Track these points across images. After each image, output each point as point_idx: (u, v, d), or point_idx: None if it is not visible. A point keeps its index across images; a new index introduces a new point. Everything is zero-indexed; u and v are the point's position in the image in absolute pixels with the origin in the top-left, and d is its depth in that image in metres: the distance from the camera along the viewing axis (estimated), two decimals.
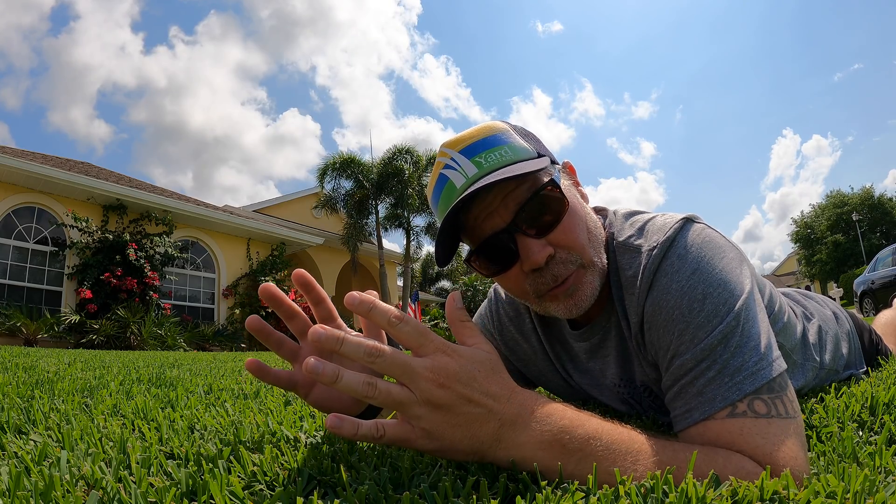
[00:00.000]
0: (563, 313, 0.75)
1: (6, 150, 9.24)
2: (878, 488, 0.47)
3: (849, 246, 31.59)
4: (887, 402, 0.86)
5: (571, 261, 0.71)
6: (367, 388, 0.49)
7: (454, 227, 0.73)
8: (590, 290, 0.72)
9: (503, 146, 0.72)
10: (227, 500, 0.48)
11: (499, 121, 0.77)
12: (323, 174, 14.77)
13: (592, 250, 0.73)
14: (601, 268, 0.74)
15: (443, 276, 29.08)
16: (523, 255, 0.70)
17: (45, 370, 2.22)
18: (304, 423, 0.93)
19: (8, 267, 8.63)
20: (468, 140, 0.73)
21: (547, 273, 0.70)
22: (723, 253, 0.68)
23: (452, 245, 0.75)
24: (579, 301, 0.72)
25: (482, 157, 0.71)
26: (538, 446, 0.52)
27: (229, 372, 2.44)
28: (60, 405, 1.16)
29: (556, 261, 0.70)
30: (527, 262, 0.69)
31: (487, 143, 0.72)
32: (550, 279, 0.71)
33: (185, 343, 9.20)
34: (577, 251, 0.71)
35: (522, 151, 0.72)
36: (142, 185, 11.29)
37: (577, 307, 0.73)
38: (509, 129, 0.75)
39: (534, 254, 0.68)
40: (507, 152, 0.71)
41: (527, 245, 0.69)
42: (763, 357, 0.61)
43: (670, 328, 0.65)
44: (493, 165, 0.70)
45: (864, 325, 1.41)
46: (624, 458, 0.53)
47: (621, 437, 0.55)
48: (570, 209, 0.71)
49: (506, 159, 0.70)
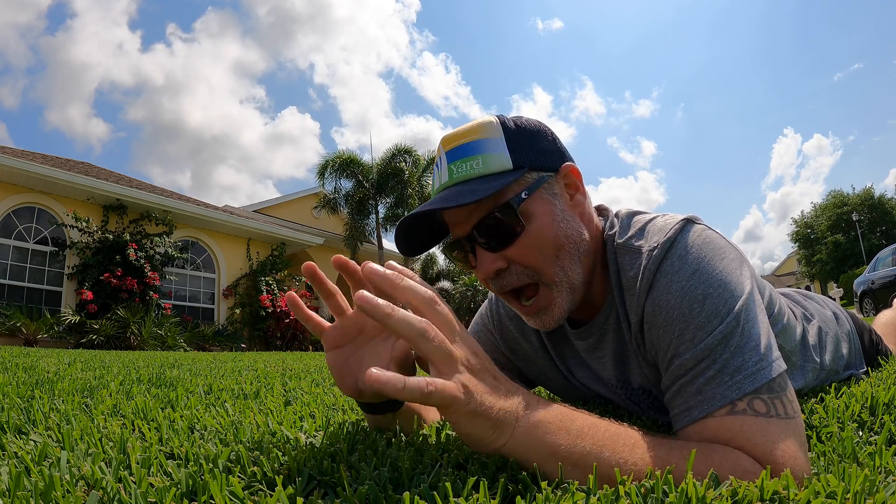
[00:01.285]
0: (538, 327, 0.78)
1: (6, 150, 9.24)
2: (878, 488, 0.47)
3: (849, 246, 31.58)
4: (887, 402, 0.86)
5: (527, 275, 0.74)
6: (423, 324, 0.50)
7: (425, 219, 0.77)
8: (559, 310, 0.75)
9: (477, 157, 0.72)
10: (227, 500, 0.48)
11: (495, 116, 0.76)
12: (322, 174, 14.77)
13: (557, 270, 0.73)
14: (570, 285, 0.74)
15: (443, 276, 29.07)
16: (477, 264, 0.75)
17: (45, 370, 2.22)
18: (304, 423, 0.93)
19: (8, 267, 8.63)
20: (456, 140, 0.75)
21: (496, 282, 0.75)
22: (723, 254, 0.68)
23: (428, 239, 0.80)
24: (546, 321, 0.76)
25: (456, 165, 0.73)
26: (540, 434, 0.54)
27: (229, 372, 2.44)
28: (60, 405, 1.16)
29: (508, 272, 0.74)
30: (477, 270, 0.75)
31: (467, 150, 0.73)
32: (498, 287, 0.76)
33: (185, 343, 9.20)
34: (532, 269, 0.73)
35: (495, 163, 0.72)
36: (142, 185, 11.29)
37: (546, 326, 0.77)
38: (498, 130, 0.73)
39: (483, 266, 0.74)
40: (478, 165, 0.72)
41: (480, 256, 0.74)
42: (763, 357, 0.61)
43: (670, 328, 0.65)
44: (461, 177, 0.72)
45: (865, 326, 1.41)
46: (621, 449, 0.54)
47: (617, 429, 0.57)
48: (527, 230, 0.71)
49: (474, 172, 0.72)
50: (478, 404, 0.52)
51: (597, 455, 0.53)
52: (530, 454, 0.54)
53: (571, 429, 0.55)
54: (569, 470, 0.53)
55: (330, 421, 0.93)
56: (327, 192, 14.90)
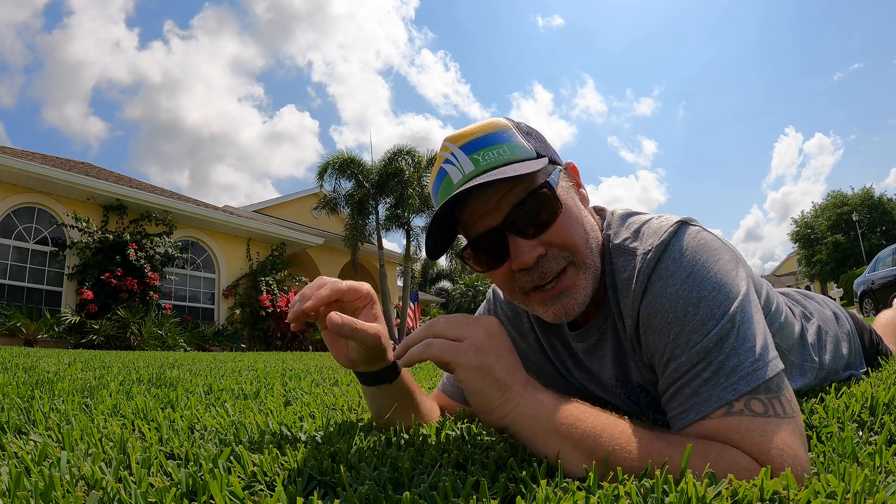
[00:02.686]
0: (550, 318, 0.75)
1: (6, 151, 9.24)
2: (878, 488, 0.47)
3: (849, 246, 31.58)
4: (887, 402, 0.86)
5: (563, 257, 0.72)
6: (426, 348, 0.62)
7: (448, 222, 0.74)
8: (582, 294, 0.73)
9: (503, 145, 0.72)
10: (227, 500, 0.48)
11: (502, 118, 0.77)
12: (322, 173, 14.76)
13: (588, 251, 0.73)
14: (595, 271, 0.74)
15: (443, 277, 29.07)
16: (513, 253, 0.71)
17: (45, 370, 2.22)
18: (304, 423, 0.93)
19: (8, 267, 8.63)
20: (469, 136, 0.73)
21: (535, 271, 0.72)
22: (718, 256, 0.68)
23: (446, 239, 0.77)
24: (568, 306, 0.73)
25: (480, 154, 0.71)
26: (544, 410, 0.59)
27: (229, 372, 2.44)
28: (60, 405, 1.16)
29: (546, 258, 0.71)
30: (516, 260, 0.71)
31: (487, 141, 0.72)
32: (538, 276, 0.72)
33: (185, 343, 9.19)
34: (570, 249, 0.72)
35: (521, 151, 0.72)
36: (142, 186, 11.29)
37: (566, 313, 0.74)
38: (511, 126, 0.75)
39: (523, 253, 0.70)
40: (506, 151, 0.71)
41: (517, 245, 0.70)
42: (759, 358, 0.61)
43: (665, 331, 0.66)
44: (490, 164, 0.70)
45: (865, 326, 1.41)
46: (619, 436, 0.57)
47: (616, 419, 0.59)
48: (564, 211, 0.72)
49: (503, 158, 0.71)
50: (484, 362, 0.59)
51: (595, 438, 0.56)
52: (533, 428, 0.58)
53: (573, 411, 0.59)
54: (568, 449, 0.56)
55: (330, 421, 0.93)
56: (327, 193, 14.90)
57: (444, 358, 0.60)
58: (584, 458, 0.56)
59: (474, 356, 0.60)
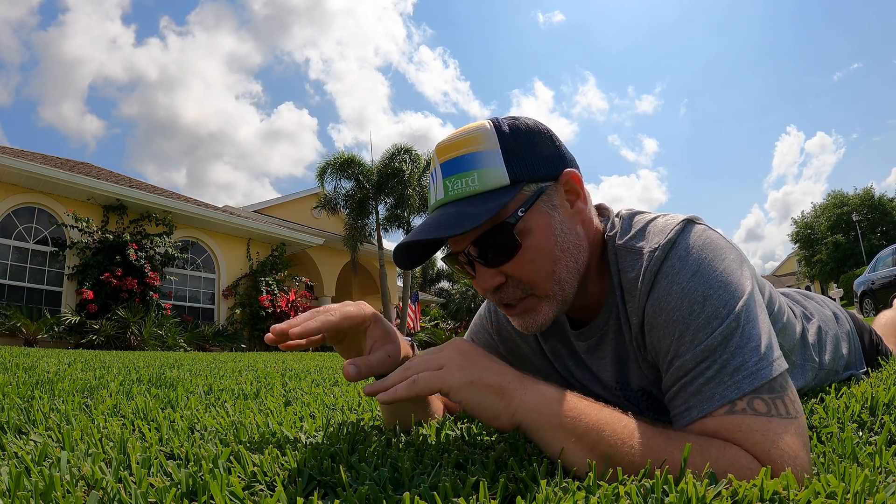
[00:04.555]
0: (521, 328, 0.78)
1: (6, 151, 9.24)
2: (878, 488, 0.47)
3: (849, 246, 31.57)
4: (887, 402, 0.86)
5: (522, 289, 0.74)
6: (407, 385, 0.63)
7: (420, 248, 0.79)
8: (542, 318, 0.75)
9: (472, 173, 0.70)
10: (227, 500, 0.48)
11: (489, 121, 0.74)
12: (322, 174, 14.76)
13: (552, 283, 0.73)
14: (563, 298, 0.75)
15: (443, 277, 29.07)
16: (476, 277, 0.75)
17: (45, 370, 2.22)
18: (304, 423, 0.93)
19: (8, 267, 8.63)
20: (450, 151, 0.73)
21: (495, 296, 0.75)
22: (723, 255, 0.68)
23: (423, 254, 0.81)
24: (531, 323, 0.76)
25: (451, 181, 0.72)
26: (548, 403, 0.61)
27: (229, 372, 2.44)
28: (60, 405, 1.16)
29: (506, 286, 0.74)
30: (477, 285, 0.75)
31: (461, 164, 0.71)
32: (497, 300, 0.76)
33: (185, 343, 9.19)
34: (528, 284, 0.73)
35: (492, 180, 0.70)
36: (142, 186, 11.29)
37: (529, 329, 0.77)
38: (493, 138, 0.71)
39: (483, 281, 0.74)
40: (474, 182, 0.70)
41: (479, 271, 0.74)
42: (763, 357, 0.61)
43: (670, 330, 0.66)
44: (457, 194, 0.71)
45: (865, 326, 1.41)
46: (621, 430, 0.57)
47: (618, 413, 0.60)
48: (524, 246, 0.71)
49: (469, 190, 0.70)
50: (471, 375, 0.62)
51: (599, 432, 0.57)
52: (539, 422, 0.59)
53: (577, 404, 0.60)
54: (572, 443, 0.57)
55: (330, 421, 0.93)
56: (327, 193, 14.90)
57: (435, 386, 0.62)
58: (587, 451, 0.57)
59: (460, 374, 0.62)
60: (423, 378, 0.62)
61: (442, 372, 0.63)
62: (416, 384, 0.62)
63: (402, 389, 0.62)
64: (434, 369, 0.64)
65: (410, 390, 0.62)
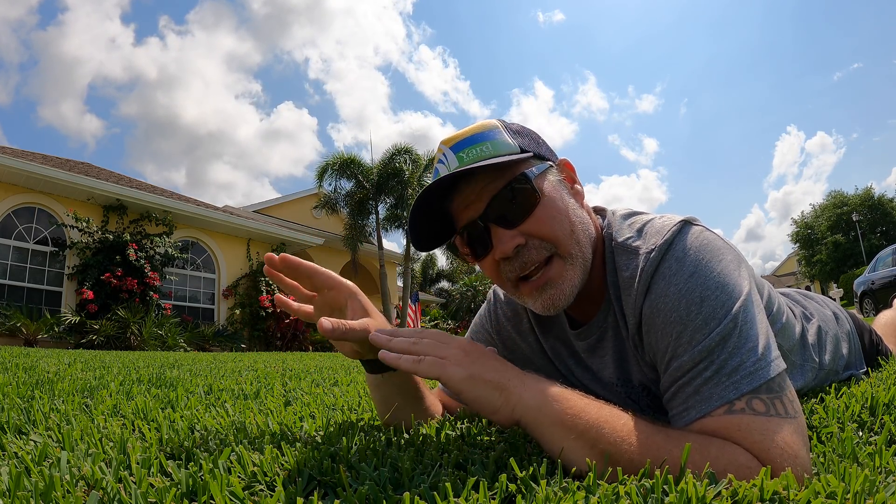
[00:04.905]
0: (539, 310, 0.76)
1: (6, 151, 9.24)
2: (878, 488, 0.47)
3: (849, 246, 31.57)
4: (887, 402, 0.86)
5: (544, 248, 0.73)
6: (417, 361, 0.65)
7: (439, 218, 0.79)
8: (569, 285, 0.74)
9: (486, 142, 0.75)
10: (227, 500, 0.48)
11: (494, 119, 0.80)
12: (322, 174, 14.76)
13: (573, 243, 0.74)
14: (584, 262, 0.75)
15: (443, 277, 29.07)
16: (494, 243, 0.74)
17: (46, 370, 2.22)
18: (304, 423, 0.93)
19: (8, 267, 8.62)
20: (459, 137, 0.77)
21: (516, 260, 0.74)
22: (721, 255, 0.68)
23: (439, 235, 0.80)
24: (555, 297, 0.74)
25: (465, 152, 0.75)
26: (548, 400, 0.62)
27: (229, 372, 2.44)
28: (60, 405, 1.16)
29: (527, 248, 0.73)
30: (496, 249, 0.74)
31: (473, 140, 0.75)
32: (520, 266, 0.74)
33: (185, 343, 9.19)
34: (549, 241, 0.73)
35: (504, 147, 0.75)
36: (142, 186, 11.29)
37: (553, 304, 0.75)
38: (500, 126, 0.78)
39: (502, 243, 0.73)
40: (488, 148, 0.74)
41: (497, 234, 0.73)
42: (761, 357, 0.61)
43: (668, 331, 0.66)
44: (473, 159, 0.73)
45: (865, 326, 1.41)
46: (620, 428, 0.58)
47: (618, 411, 0.61)
48: (543, 201, 0.73)
49: (485, 154, 0.73)
50: (471, 371, 0.63)
51: (598, 429, 0.58)
52: (539, 419, 0.60)
53: (577, 402, 0.61)
54: (572, 440, 0.58)
55: (330, 421, 0.93)
56: (327, 193, 14.90)
57: (434, 374, 0.64)
58: (586, 449, 0.57)
59: (459, 369, 0.64)
60: (427, 363, 0.65)
61: (444, 362, 0.64)
62: (419, 366, 0.64)
63: (406, 363, 0.64)
64: (439, 358, 0.65)
65: (412, 368, 0.64)
